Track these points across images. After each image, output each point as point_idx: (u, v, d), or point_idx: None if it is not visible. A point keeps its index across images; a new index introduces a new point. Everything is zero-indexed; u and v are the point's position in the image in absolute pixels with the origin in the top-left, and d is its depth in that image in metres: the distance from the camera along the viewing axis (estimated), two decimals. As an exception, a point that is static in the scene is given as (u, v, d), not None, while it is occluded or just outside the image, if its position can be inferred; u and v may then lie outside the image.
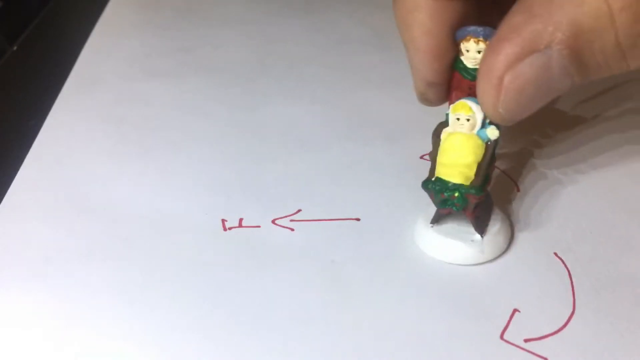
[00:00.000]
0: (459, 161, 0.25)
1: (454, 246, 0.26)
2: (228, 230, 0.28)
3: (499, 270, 0.26)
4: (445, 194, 0.25)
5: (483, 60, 0.22)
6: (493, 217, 0.27)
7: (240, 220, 0.29)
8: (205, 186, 0.31)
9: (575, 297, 0.25)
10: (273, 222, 0.28)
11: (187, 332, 0.24)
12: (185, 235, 0.28)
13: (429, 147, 0.32)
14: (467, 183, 0.25)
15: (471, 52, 0.24)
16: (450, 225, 0.27)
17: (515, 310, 0.24)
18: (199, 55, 0.43)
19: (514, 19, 0.21)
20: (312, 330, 0.24)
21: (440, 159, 0.25)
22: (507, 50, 0.21)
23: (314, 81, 0.39)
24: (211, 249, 0.27)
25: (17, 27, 0.46)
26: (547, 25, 0.20)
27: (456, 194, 0.25)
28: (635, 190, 0.30)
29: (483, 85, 0.22)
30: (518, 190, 0.30)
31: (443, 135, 0.25)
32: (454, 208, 0.25)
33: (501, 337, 0.23)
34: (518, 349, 0.23)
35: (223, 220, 0.28)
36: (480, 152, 0.25)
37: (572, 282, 0.25)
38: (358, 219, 0.29)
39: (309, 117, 0.36)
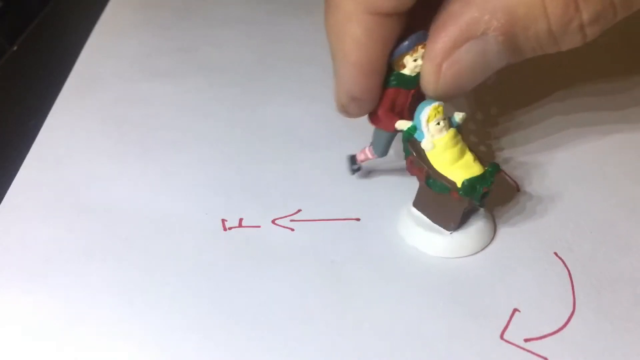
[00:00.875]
0: (468, 156, 0.25)
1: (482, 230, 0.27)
2: (228, 230, 0.28)
3: (499, 270, 0.26)
4: (487, 187, 0.25)
5: (426, 46, 0.23)
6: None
7: (240, 220, 0.29)
8: (205, 186, 0.31)
9: (575, 297, 0.25)
10: (273, 222, 0.28)
11: (187, 332, 0.24)
12: (185, 235, 0.28)
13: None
14: (484, 167, 0.25)
15: (419, 60, 0.24)
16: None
17: (515, 310, 0.24)
18: (199, 55, 0.43)
19: (451, 6, 0.21)
20: (312, 330, 0.24)
21: (451, 165, 0.25)
22: (444, 39, 0.22)
23: (314, 81, 0.39)
24: (211, 249, 0.27)
25: (17, 27, 0.46)
26: (483, 13, 0.21)
27: (491, 181, 0.25)
28: (635, 190, 0.30)
29: (425, 69, 0.23)
30: (518, 190, 0.30)
31: (429, 146, 0.24)
32: (487, 195, 0.25)
33: (501, 337, 0.23)
34: (518, 348, 0.23)
35: (223, 220, 0.28)
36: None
37: (572, 282, 0.25)
38: (358, 219, 0.29)
39: (309, 117, 0.36)
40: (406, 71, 0.24)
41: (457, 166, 0.25)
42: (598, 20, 0.21)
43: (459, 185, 0.24)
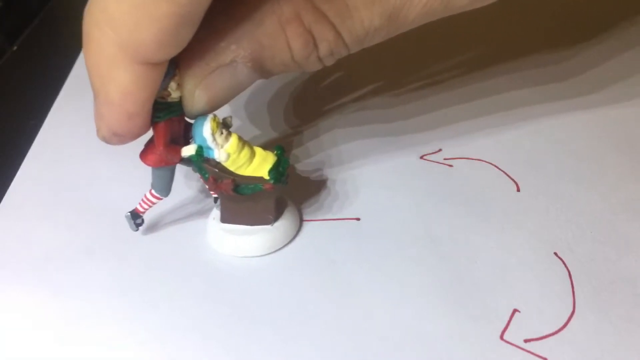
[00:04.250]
0: (257, 150, 0.25)
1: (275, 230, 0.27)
2: (228, 230, 0.28)
3: (499, 270, 0.26)
4: (288, 166, 0.25)
5: (180, 74, 0.23)
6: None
7: (240, 220, 0.29)
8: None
9: (575, 297, 0.25)
10: (273, 222, 0.28)
11: (187, 332, 0.24)
12: (186, 234, 0.28)
13: (429, 147, 0.32)
14: (274, 152, 0.25)
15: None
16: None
17: (515, 310, 0.24)
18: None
19: (201, 35, 0.21)
20: (312, 330, 0.24)
21: (250, 164, 0.25)
22: (194, 68, 0.23)
23: (315, 82, 0.39)
24: (211, 249, 0.27)
25: (17, 27, 0.46)
26: (230, 42, 0.22)
27: (287, 160, 0.26)
28: (635, 190, 0.30)
29: (182, 94, 0.23)
30: (518, 190, 0.30)
31: (224, 156, 0.24)
32: (286, 174, 0.26)
33: (501, 337, 0.23)
34: (518, 349, 0.23)
35: (223, 220, 0.28)
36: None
37: (572, 282, 0.25)
38: (358, 219, 0.29)
39: (310, 117, 0.36)
40: (172, 97, 0.23)
41: (255, 163, 0.25)
42: (332, 55, 0.23)
43: (267, 177, 0.25)
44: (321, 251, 0.27)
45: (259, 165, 0.25)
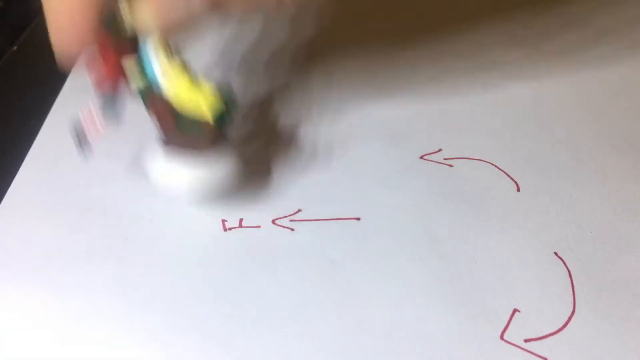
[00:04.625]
0: (203, 84, 0.25)
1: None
2: (228, 231, 0.28)
3: (499, 270, 0.26)
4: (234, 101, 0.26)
5: None
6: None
7: (240, 220, 0.29)
8: (205, 186, 0.31)
9: (575, 297, 0.25)
10: (273, 222, 0.28)
11: (187, 332, 0.24)
12: (185, 235, 0.28)
13: (429, 147, 0.32)
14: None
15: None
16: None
17: (515, 310, 0.24)
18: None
19: None
20: (312, 330, 0.24)
21: (195, 97, 0.25)
22: None
23: (314, 82, 0.39)
24: (211, 249, 0.27)
25: (17, 27, 0.46)
26: None
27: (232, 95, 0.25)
28: (635, 190, 0.30)
29: (133, 13, 0.23)
30: (518, 189, 0.30)
31: (165, 83, 0.24)
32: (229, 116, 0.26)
33: (501, 337, 0.23)
34: (518, 349, 0.23)
35: (223, 221, 0.28)
36: None
37: (572, 282, 0.25)
38: (358, 219, 0.29)
39: (308, 115, 0.36)
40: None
41: (199, 97, 0.24)
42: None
43: (209, 113, 0.25)
44: (321, 251, 0.27)
45: (203, 99, 0.24)
